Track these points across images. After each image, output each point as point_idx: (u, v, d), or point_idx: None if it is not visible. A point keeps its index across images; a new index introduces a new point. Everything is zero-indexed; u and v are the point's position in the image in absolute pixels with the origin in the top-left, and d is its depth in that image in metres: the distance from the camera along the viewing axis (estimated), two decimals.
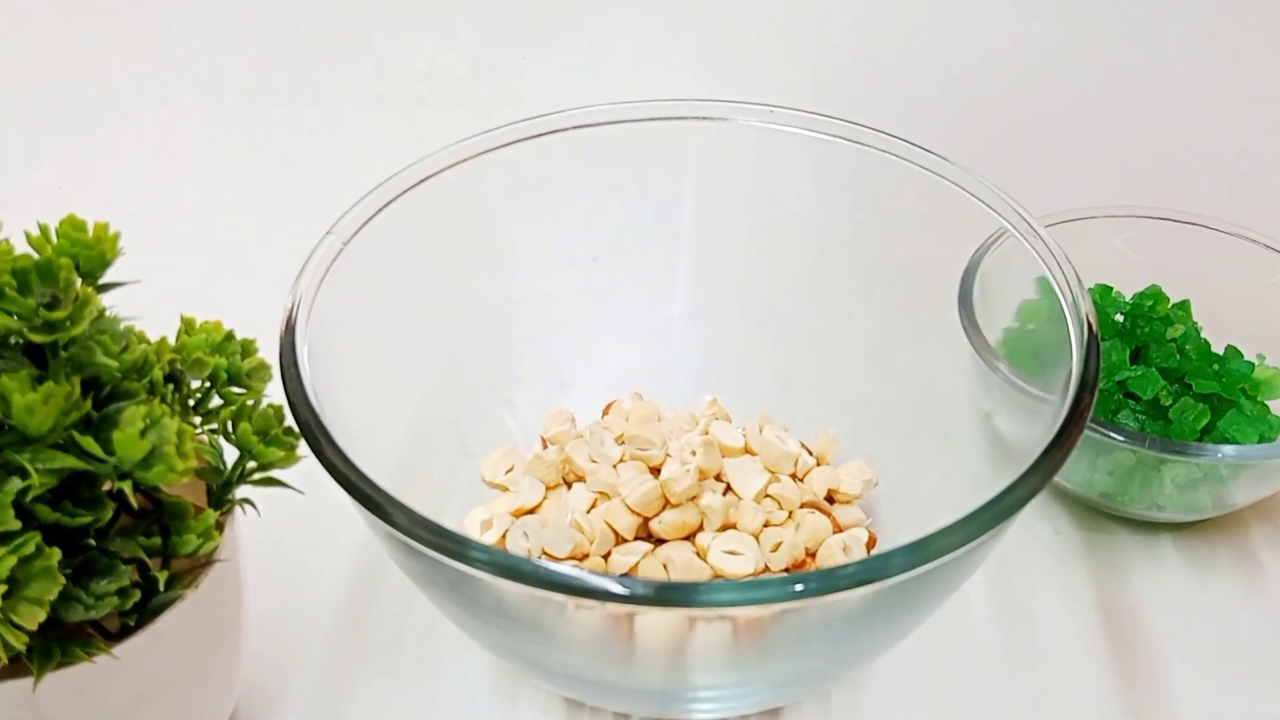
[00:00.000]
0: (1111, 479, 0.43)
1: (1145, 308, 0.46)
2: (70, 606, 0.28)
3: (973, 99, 0.72)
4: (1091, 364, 0.34)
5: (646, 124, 0.44)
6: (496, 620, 0.32)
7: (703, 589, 0.29)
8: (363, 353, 0.39)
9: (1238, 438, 0.42)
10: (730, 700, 0.35)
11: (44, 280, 0.27)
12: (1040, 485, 0.31)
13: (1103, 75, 0.75)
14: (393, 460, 0.38)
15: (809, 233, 0.46)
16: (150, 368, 0.30)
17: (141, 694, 0.31)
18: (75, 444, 0.27)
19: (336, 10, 0.81)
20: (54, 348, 0.27)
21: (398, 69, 0.75)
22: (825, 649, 0.34)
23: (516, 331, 0.46)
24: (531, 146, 0.44)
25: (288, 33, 0.79)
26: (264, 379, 0.33)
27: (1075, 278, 0.37)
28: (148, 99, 0.72)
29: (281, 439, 0.31)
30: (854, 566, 0.29)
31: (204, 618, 0.32)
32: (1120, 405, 0.44)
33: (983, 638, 0.41)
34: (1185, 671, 0.40)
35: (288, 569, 0.42)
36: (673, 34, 0.79)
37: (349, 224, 0.39)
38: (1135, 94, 0.73)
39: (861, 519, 0.42)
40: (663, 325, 0.48)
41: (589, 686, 0.35)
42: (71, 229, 0.29)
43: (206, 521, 0.30)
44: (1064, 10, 0.81)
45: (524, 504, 0.42)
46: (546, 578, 0.28)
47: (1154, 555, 0.44)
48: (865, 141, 0.43)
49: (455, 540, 0.29)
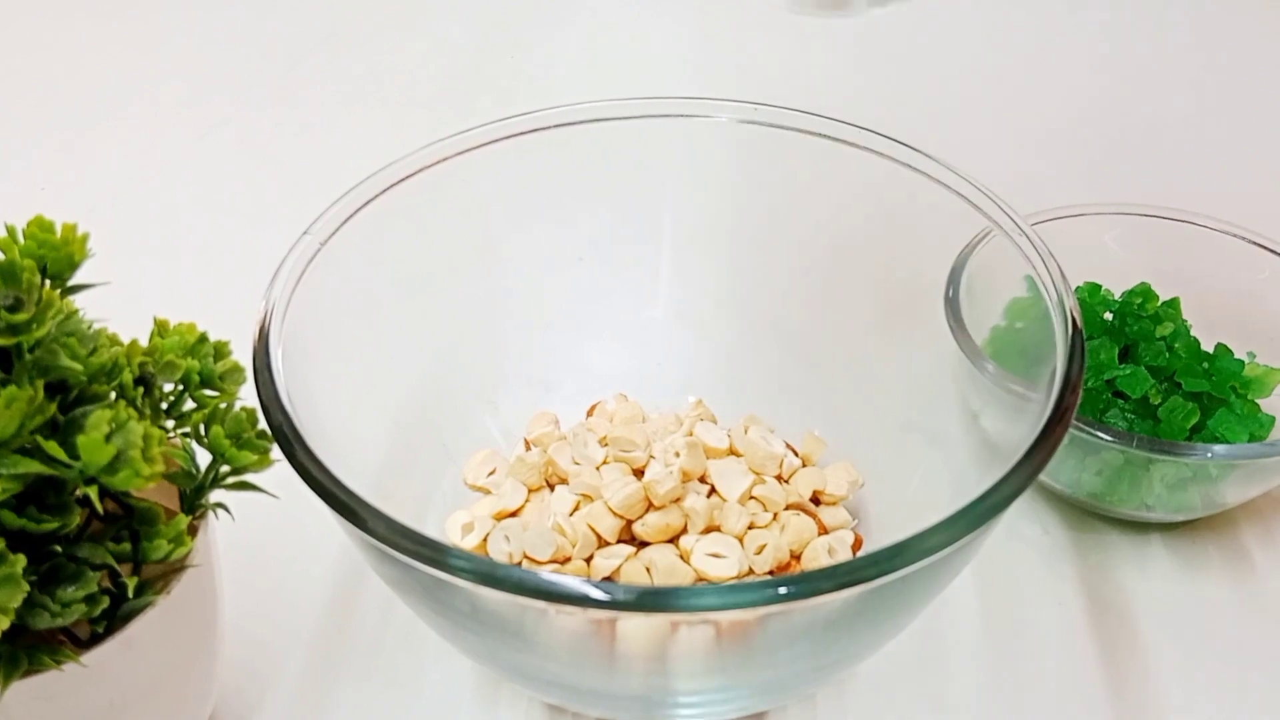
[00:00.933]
0: (1100, 479, 0.42)
1: (1134, 305, 0.46)
2: (36, 614, 0.27)
3: (960, 96, 0.72)
4: (1076, 361, 0.33)
5: (629, 122, 0.44)
6: (475, 627, 0.32)
7: (684, 593, 0.28)
8: (341, 355, 0.39)
9: (1228, 436, 0.42)
10: (714, 705, 0.35)
11: (6, 283, 0.26)
12: (1024, 485, 0.30)
13: (1092, 71, 0.74)
14: (373, 464, 0.38)
15: (794, 232, 0.46)
16: (120, 370, 0.29)
17: (113, 701, 0.30)
18: (40, 449, 0.26)
19: (322, 9, 0.81)
20: (18, 350, 0.27)
21: (381, 69, 0.75)
22: (810, 653, 0.33)
23: (499, 333, 0.46)
24: (514, 145, 0.43)
25: (272, 34, 0.79)
26: (237, 382, 0.32)
27: (1060, 275, 0.36)
28: (132, 99, 0.71)
29: (255, 443, 0.31)
30: (837, 568, 0.28)
31: (177, 624, 0.31)
32: (1109, 404, 0.43)
33: (971, 639, 0.41)
34: (1175, 672, 0.40)
35: (266, 573, 0.42)
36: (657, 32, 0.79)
37: (326, 224, 0.38)
38: (1125, 90, 0.72)
39: (847, 520, 0.42)
40: (648, 326, 0.48)
41: (570, 692, 0.34)
42: (39, 230, 0.29)
43: (178, 527, 0.30)
44: (1052, 6, 0.80)
45: (506, 507, 0.41)
46: (525, 584, 0.28)
47: (1143, 555, 0.44)
48: (850, 140, 0.43)
49: (431, 546, 0.28)
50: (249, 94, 0.72)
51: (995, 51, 0.77)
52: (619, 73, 0.74)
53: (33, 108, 0.71)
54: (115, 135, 0.68)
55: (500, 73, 0.74)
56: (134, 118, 0.70)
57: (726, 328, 0.47)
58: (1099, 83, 0.73)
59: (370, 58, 0.76)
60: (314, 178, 0.62)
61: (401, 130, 0.68)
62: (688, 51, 0.77)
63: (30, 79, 0.73)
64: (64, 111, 0.70)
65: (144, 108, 0.71)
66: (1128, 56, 0.75)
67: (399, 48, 0.77)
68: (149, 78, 0.74)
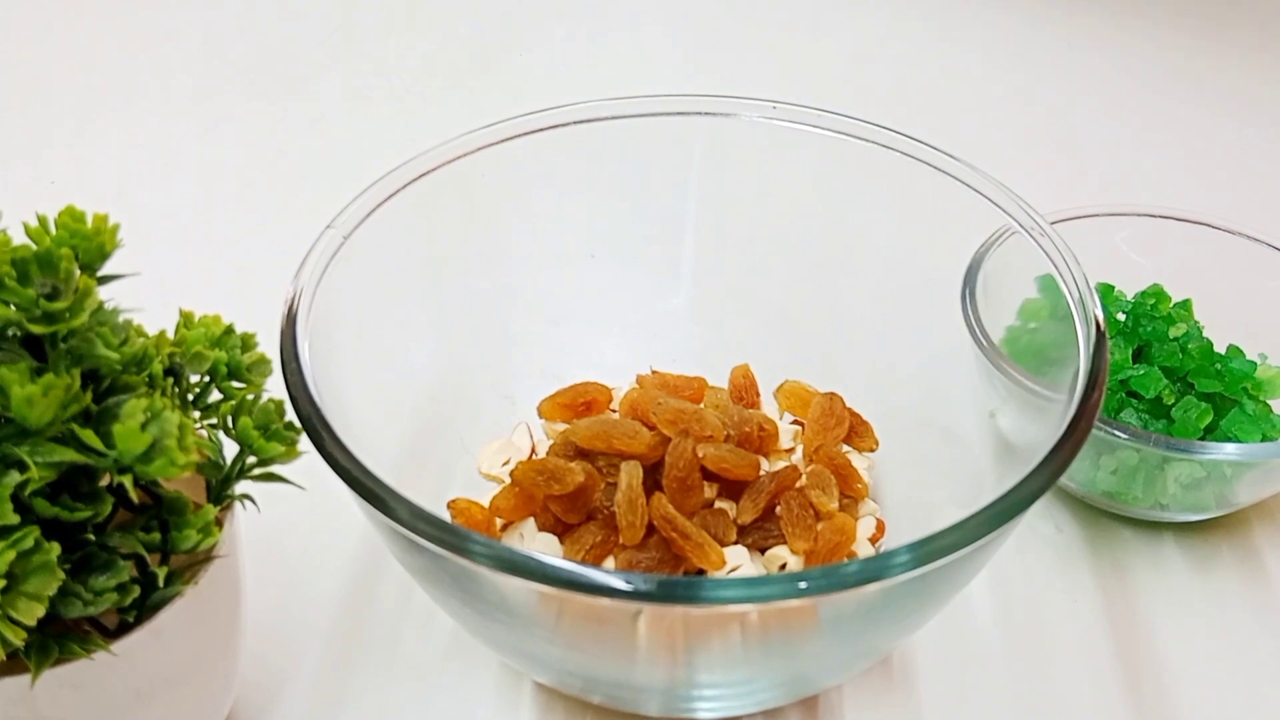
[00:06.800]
0: (1115, 478, 0.42)
1: (1147, 306, 0.46)
2: (69, 602, 0.28)
3: (976, 96, 0.72)
4: (1100, 361, 0.34)
5: (649, 119, 0.44)
6: (498, 616, 0.32)
7: (707, 586, 0.29)
8: (362, 347, 0.39)
9: (1241, 436, 0.42)
10: (733, 699, 0.35)
11: (44, 270, 0.26)
12: (1049, 483, 0.30)
13: (1105, 73, 0.74)
14: (391, 454, 0.38)
15: (812, 229, 0.46)
16: (150, 361, 0.29)
17: (140, 691, 0.31)
18: (75, 437, 0.26)
19: (336, 3, 0.81)
20: (54, 339, 0.27)
21: (397, 61, 0.75)
22: (827, 648, 0.34)
23: (516, 326, 0.46)
24: (533, 141, 0.43)
25: (286, 25, 0.79)
26: (264, 373, 0.32)
27: (1083, 275, 0.37)
28: (140, 93, 0.71)
29: (282, 434, 0.31)
30: (858, 564, 0.29)
31: (203, 614, 0.32)
32: (1123, 404, 0.44)
33: (985, 635, 0.41)
34: (1188, 671, 0.40)
35: (285, 565, 0.42)
36: (675, 29, 0.79)
37: (350, 218, 0.38)
38: (1138, 91, 0.72)
39: (874, 509, 0.42)
40: (662, 321, 0.48)
41: (593, 683, 0.35)
42: (71, 220, 0.29)
43: (206, 517, 0.30)
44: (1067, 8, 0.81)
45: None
46: (548, 573, 0.28)
47: (1157, 554, 0.44)
48: (869, 137, 0.43)
49: (458, 535, 0.29)
50: (257, 88, 0.72)
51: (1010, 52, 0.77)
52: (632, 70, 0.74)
53: (41, 101, 0.71)
54: (124, 129, 0.68)
55: (511, 67, 0.74)
56: (142, 111, 0.70)
57: (741, 324, 0.48)
58: (1112, 83, 0.73)
59: (380, 51, 0.76)
60: (324, 172, 0.63)
61: (415, 123, 0.68)
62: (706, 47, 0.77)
63: (39, 72, 0.73)
64: (72, 105, 0.70)
65: (152, 101, 0.71)
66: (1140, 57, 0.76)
67: (409, 41, 0.77)
68: (156, 71, 0.73)
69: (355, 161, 0.45)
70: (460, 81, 0.73)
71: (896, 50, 0.77)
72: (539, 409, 0.44)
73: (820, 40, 0.78)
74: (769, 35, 0.79)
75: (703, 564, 0.37)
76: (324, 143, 0.67)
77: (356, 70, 0.74)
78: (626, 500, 0.37)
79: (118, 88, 0.72)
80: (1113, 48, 0.77)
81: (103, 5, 0.80)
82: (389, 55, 0.76)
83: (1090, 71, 0.75)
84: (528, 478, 0.38)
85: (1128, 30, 0.78)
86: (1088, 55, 0.76)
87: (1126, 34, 0.78)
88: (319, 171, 0.63)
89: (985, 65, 0.76)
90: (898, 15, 0.81)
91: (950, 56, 0.77)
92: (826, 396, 0.43)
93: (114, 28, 0.78)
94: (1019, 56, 0.77)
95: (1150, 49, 0.77)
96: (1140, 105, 0.71)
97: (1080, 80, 0.74)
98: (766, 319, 0.47)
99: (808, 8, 0.81)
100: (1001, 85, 0.73)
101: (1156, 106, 0.71)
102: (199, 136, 0.67)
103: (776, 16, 0.80)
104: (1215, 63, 0.75)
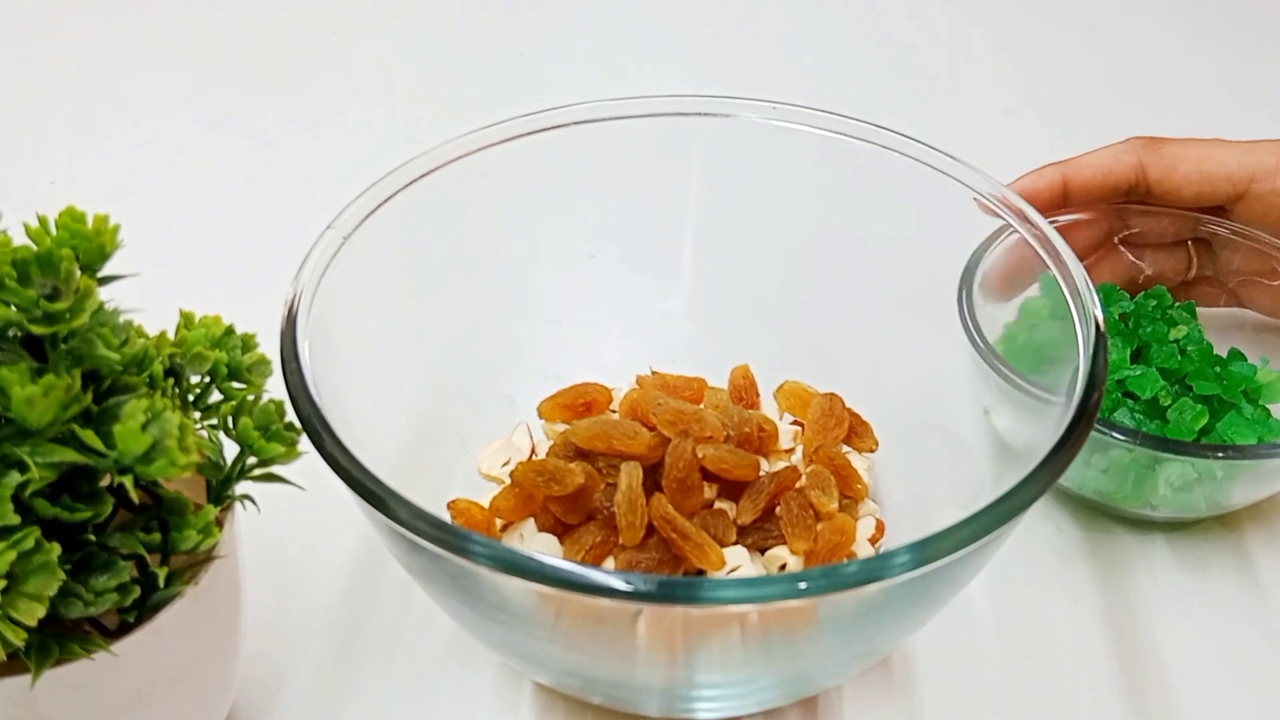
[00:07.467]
0: (1106, 477, 0.42)
1: (1148, 307, 0.46)
2: (69, 603, 0.28)
3: (975, 97, 0.72)
4: (1100, 363, 0.34)
5: (649, 119, 0.44)
6: (498, 616, 0.32)
7: (707, 586, 0.29)
8: (361, 348, 0.39)
9: (1235, 439, 0.42)
10: (733, 699, 0.35)
11: (44, 271, 0.26)
12: (1048, 484, 0.30)
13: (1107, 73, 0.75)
14: (391, 454, 0.38)
15: (811, 229, 0.46)
16: (150, 362, 0.29)
17: (140, 691, 0.31)
18: (75, 438, 0.26)
19: (336, 3, 0.81)
20: (54, 340, 0.27)
21: (397, 62, 0.75)
22: (827, 648, 0.34)
23: (516, 326, 0.46)
24: (532, 141, 0.43)
25: (286, 26, 0.79)
26: (264, 374, 0.32)
27: (1083, 275, 0.37)
28: (144, 91, 0.71)
29: (282, 434, 0.31)
30: (858, 565, 0.29)
31: (203, 614, 0.32)
32: (1118, 404, 0.43)
33: (985, 636, 0.41)
34: (1184, 671, 0.40)
35: (285, 566, 0.42)
36: (675, 29, 0.79)
37: (350, 218, 0.38)
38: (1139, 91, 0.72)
39: (874, 509, 0.42)
40: (662, 321, 0.48)
41: (590, 683, 0.35)
42: (71, 220, 0.29)
43: (206, 517, 0.30)
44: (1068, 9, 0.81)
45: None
46: (548, 573, 0.28)
47: (1149, 555, 0.44)
48: (869, 138, 0.43)
49: (457, 535, 0.29)
50: (257, 88, 0.72)
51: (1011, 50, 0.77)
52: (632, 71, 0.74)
53: (41, 101, 0.71)
54: (124, 129, 0.68)
55: (511, 68, 0.74)
56: (143, 111, 0.70)
57: (740, 324, 0.48)
58: (1113, 83, 0.73)
59: (380, 51, 0.76)
60: (324, 172, 0.63)
61: (415, 124, 0.68)
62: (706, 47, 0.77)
63: (37, 73, 0.73)
64: (73, 105, 0.70)
65: (153, 102, 0.71)
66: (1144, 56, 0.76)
67: (409, 42, 0.77)
68: (156, 72, 0.74)
69: (355, 161, 0.45)
70: (460, 81, 0.73)
71: (896, 50, 0.77)
72: (539, 409, 0.44)
73: (820, 40, 0.78)
74: (769, 35, 0.79)
75: (702, 564, 0.37)
76: (324, 143, 0.67)
77: (356, 70, 0.74)
78: (626, 501, 0.37)
79: (118, 88, 0.72)
80: (1114, 48, 0.77)
81: (103, 6, 0.80)
82: (389, 55, 0.76)
83: (1092, 72, 0.75)
84: (527, 478, 0.38)
85: (1130, 30, 0.78)
86: (1090, 55, 0.76)
87: (1129, 34, 0.78)
88: (319, 171, 0.63)
89: (985, 65, 0.76)
90: (898, 15, 0.81)
91: (950, 57, 0.77)
92: (826, 397, 0.43)
93: (114, 28, 0.78)
94: (1019, 56, 0.77)
95: (1152, 48, 0.77)
96: (1141, 105, 0.71)
97: (1081, 80, 0.74)
98: (766, 319, 0.47)
99: (808, 8, 0.81)
100: (1002, 85, 0.73)
101: (1158, 106, 0.71)
102: (199, 136, 0.67)
103: (776, 16, 0.80)
104: (1221, 63, 0.75)
